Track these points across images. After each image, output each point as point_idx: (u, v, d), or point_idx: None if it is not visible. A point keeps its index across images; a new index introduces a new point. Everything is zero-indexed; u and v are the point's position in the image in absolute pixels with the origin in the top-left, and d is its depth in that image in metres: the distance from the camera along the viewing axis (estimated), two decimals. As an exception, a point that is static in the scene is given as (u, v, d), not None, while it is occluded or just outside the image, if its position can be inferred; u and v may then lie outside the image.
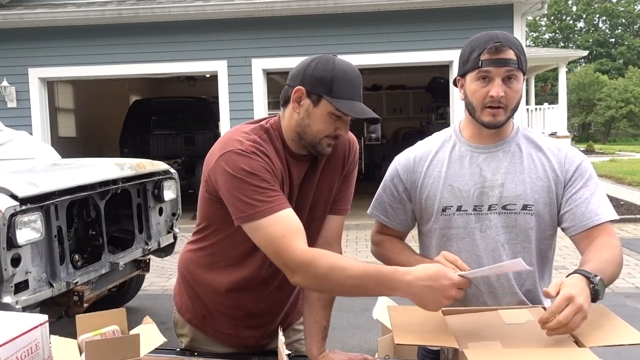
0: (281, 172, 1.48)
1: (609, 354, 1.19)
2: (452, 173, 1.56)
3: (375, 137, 14.62)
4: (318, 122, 1.44)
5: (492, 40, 1.44)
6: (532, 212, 1.50)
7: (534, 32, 44.73)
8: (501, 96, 1.44)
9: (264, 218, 1.38)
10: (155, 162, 4.32)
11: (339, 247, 1.66)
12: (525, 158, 1.53)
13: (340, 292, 1.41)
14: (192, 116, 10.33)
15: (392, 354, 1.90)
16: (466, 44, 1.52)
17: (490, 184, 1.52)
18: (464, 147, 1.58)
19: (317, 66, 1.43)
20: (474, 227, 1.53)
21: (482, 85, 1.47)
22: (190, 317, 1.73)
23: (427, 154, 1.62)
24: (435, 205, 1.56)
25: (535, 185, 1.51)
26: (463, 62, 1.52)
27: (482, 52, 1.45)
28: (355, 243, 7.39)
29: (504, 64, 1.44)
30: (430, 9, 8.22)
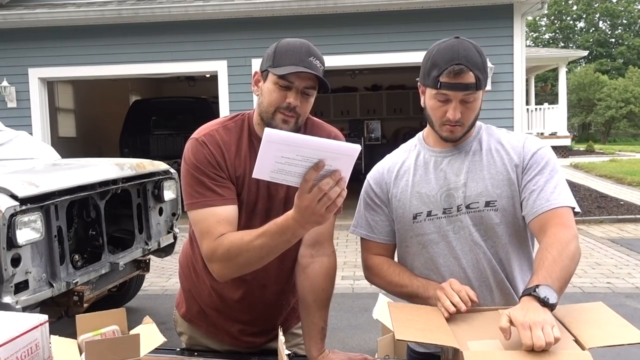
0: (239, 159, 1.52)
1: (609, 354, 1.19)
2: (419, 180, 1.58)
3: (375, 137, 14.62)
4: (266, 95, 1.48)
5: (453, 60, 1.42)
6: (495, 207, 1.51)
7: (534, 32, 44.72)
8: (458, 118, 1.46)
9: (198, 210, 1.47)
10: (155, 162, 4.32)
11: (331, 247, 1.65)
12: (485, 155, 1.55)
13: (254, 259, 1.40)
14: (192, 116, 10.31)
15: (392, 354, 1.90)
16: (429, 53, 1.51)
17: (454, 186, 1.54)
18: (428, 153, 1.60)
19: (269, 49, 1.50)
20: (446, 229, 1.54)
21: (440, 105, 1.48)
22: (185, 311, 1.76)
23: (394, 165, 1.64)
24: (406, 213, 1.58)
25: (496, 180, 1.52)
26: (424, 73, 1.51)
27: (441, 72, 1.44)
28: (355, 243, 7.39)
29: (463, 89, 1.44)
30: (430, 9, 8.22)
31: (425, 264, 1.59)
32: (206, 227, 1.46)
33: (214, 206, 1.46)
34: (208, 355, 1.66)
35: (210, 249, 1.44)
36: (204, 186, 1.47)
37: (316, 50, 1.48)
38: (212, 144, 1.50)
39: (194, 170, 1.49)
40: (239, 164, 1.52)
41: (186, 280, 1.74)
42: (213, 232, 1.44)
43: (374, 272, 1.65)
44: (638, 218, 8.76)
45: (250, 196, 1.55)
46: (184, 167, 1.52)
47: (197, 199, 1.48)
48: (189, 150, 1.52)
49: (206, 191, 1.47)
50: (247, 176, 1.53)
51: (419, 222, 1.56)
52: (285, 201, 1.57)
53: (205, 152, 1.49)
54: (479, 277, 1.55)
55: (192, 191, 1.48)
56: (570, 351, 1.21)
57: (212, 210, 1.46)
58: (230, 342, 1.71)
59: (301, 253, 1.62)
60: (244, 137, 1.55)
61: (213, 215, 1.45)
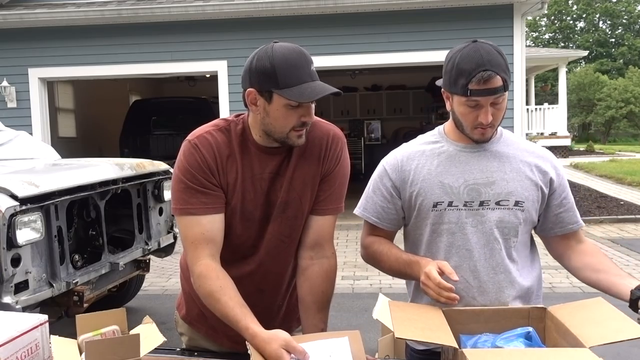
0: (233, 163, 1.50)
1: (609, 354, 1.19)
2: (442, 170, 1.60)
3: (375, 137, 14.61)
4: (279, 118, 1.43)
5: (480, 67, 1.45)
6: (522, 208, 1.58)
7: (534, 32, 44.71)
8: (490, 121, 1.50)
9: (183, 216, 1.48)
10: (155, 162, 4.32)
11: (331, 249, 1.63)
12: (513, 158, 1.61)
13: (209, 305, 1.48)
14: (192, 116, 10.30)
15: (393, 354, 1.90)
16: (452, 60, 1.52)
17: (482, 182, 1.58)
18: (452, 147, 1.63)
19: (257, 62, 1.41)
20: (465, 222, 1.58)
21: (470, 110, 1.51)
22: (185, 313, 1.76)
23: (414, 154, 1.66)
24: (425, 201, 1.60)
25: (525, 184, 1.58)
26: (449, 82, 1.53)
27: (469, 80, 1.46)
28: (355, 243, 7.38)
29: (493, 93, 1.47)
30: (430, 9, 8.21)
31: (436, 252, 1.61)
32: (191, 236, 1.48)
33: (198, 215, 1.46)
34: (208, 356, 1.66)
35: (192, 268, 1.49)
36: (190, 191, 1.47)
37: (306, 51, 1.43)
38: (205, 146, 1.48)
39: (184, 174, 1.47)
40: (231, 168, 1.50)
41: (187, 282, 1.72)
42: (197, 248, 1.47)
43: (368, 251, 1.71)
44: (638, 218, 8.76)
45: (246, 204, 1.53)
46: (175, 169, 1.51)
47: (182, 205, 1.48)
48: (181, 153, 1.51)
49: (191, 198, 1.46)
50: (241, 182, 1.51)
51: (439, 211, 1.59)
52: (285, 206, 1.55)
53: (197, 156, 1.47)
54: (489, 271, 1.58)
55: (179, 196, 1.48)
56: (570, 348, 1.22)
57: (196, 219, 1.46)
58: (229, 345, 1.70)
59: (301, 255, 1.61)
60: (239, 141, 1.52)
61: (198, 225, 1.46)
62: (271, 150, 1.52)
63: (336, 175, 1.60)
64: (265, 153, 1.52)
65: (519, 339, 1.31)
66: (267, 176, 1.53)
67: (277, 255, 1.61)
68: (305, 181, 1.55)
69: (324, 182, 1.58)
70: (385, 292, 4.77)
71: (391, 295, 1.55)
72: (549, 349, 1.24)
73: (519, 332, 1.33)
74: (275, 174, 1.53)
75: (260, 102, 1.43)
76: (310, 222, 1.60)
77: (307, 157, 1.55)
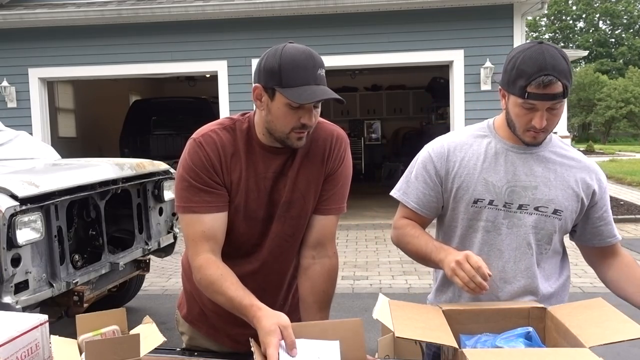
0: (237, 162, 1.51)
1: (609, 355, 1.19)
2: (487, 167, 1.58)
3: (375, 137, 14.62)
4: (279, 117, 1.43)
5: (542, 71, 1.41)
6: (560, 217, 1.57)
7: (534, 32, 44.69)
8: (544, 126, 1.47)
9: (186, 214, 1.49)
10: (155, 162, 4.32)
11: (332, 249, 1.63)
12: (559, 166, 1.58)
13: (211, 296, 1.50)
14: (192, 116, 10.31)
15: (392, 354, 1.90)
16: (513, 59, 1.48)
17: (523, 184, 1.56)
18: (500, 144, 1.60)
19: (267, 59, 1.42)
20: (501, 222, 1.57)
21: (525, 113, 1.48)
22: (186, 313, 1.76)
23: (462, 145, 1.63)
24: (467, 195, 1.59)
25: (567, 193, 1.57)
26: (508, 81, 1.49)
27: (529, 82, 1.42)
28: (355, 243, 7.39)
29: (551, 99, 1.43)
30: (430, 9, 8.21)
31: (469, 247, 1.60)
32: (192, 234, 1.48)
33: (200, 213, 1.47)
34: (208, 355, 1.66)
35: (192, 262, 1.50)
36: (193, 190, 1.47)
37: (318, 55, 1.43)
38: (209, 145, 1.49)
39: (188, 172, 1.48)
40: (235, 167, 1.51)
41: (188, 282, 1.73)
42: (198, 244, 1.48)
43: (399, 232, 1.68)
44: (638, 218, 8.77)
45: (250, 203, 1.53)
46: (180, 168, 1.52)
47: (185, 203, 1.48)
48: (186, 151, 1.51)
49: (194, 196, 1.47)
50: (244, 181, 1.51)
51: (478, 208, 1.58)
52: (288, 206, 1.56)
53: (201, 154, 1.48)
54: (517, 274, 1.58)
55: (182, 195, 1.49)
56: (570, 348, 1.22)
57: (198, 217, 1.47)
58: (230, 344, 1.70)
59: (303, 254, 1.61)
60: (244, 140, 1.52)
61: (199, 223, 1.47)
62: (275, 149, 1.52)
63: (339, 176, 1.60)
64: (270, 152, 1.52)
65: (519, 339, 1.31)
66: (271, 175, 1.53)
67: (280, 255, 1.61)
68: (309, 181, 1.56)
69: (327, 182, 1.59)
70: (385, 292, 4.78)
71: (391, 295, 1.55)
72: (549, 349, 1.24)
73: (519, 332, 1.33)
74: (278, 173, 1.54)
75: (265, 98, 1.44)
76: (313, 221, 1.60)
77: (311, 157, 1.56)
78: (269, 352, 1.25)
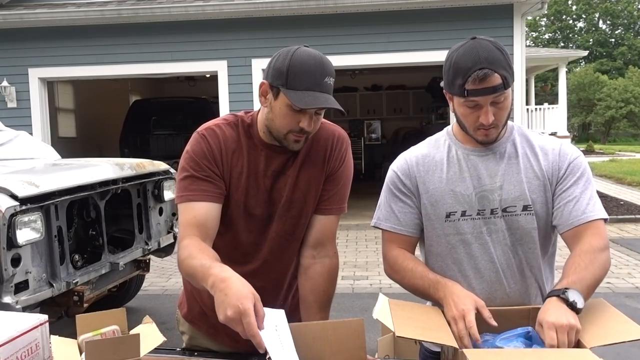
0: (239, 158, 1.51)
1: (609, 354, 1.19)
2: (452, 177, 1.53)
3: (375, 137, 14.62)
4: (280, 116, 1.44)
5: (475, 65, 1.37)
6: (531, 212, 1.49)
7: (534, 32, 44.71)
8: (492, 121, 1.42)
9: (182, 203, 1.49)
10: (155, 162, 4.32)
11: (333, 249, 1.63)
12: (521, 158, 1.51)
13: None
14: (192, 116, 10.31)
15: (392, 354, 1.90)
16: (449, 59, 1.45)
17: (489, 188, 1.50)
18: (460, 150, 1.55)
19: (278, 58, 1.43)
20: (481, 231, 1.51)
21: (470, 111, 1.44)
22: (187, 312, 1.76)
23: (423, 158, 1.58)
24: (438, 211, 1.53)
25: (532, 185, 1.49)
26: (448, 82, 1.46)
27: (466, 80, 1.38)
28: (355, 243, 7.38)
29: (491, 92, 1.38)
30: (430, 9, 8.22)
31: (452, 264, 1.55)
32: (184, 220, 1.48)
33: (195, 201, 1.48)
34: (208, 355, 1.66)
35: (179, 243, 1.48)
36: (192, 179, 1.49)
37: (329, 64, 1.43)
38: (212, 137, 1.51)
39: (189, 162, 1.50)
40: (237, 163, 1.52)
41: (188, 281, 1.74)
42: (187, 228, 1.47)
43: (393, 267, 1.59)
44: (638, 218, 8.76)
45: (249, 200, 1.54)
46: (181, 162, 1.53)
47: (182, 192, 1.50)
48: (189, 144, 1.54)
49: (191, 185, 1.48)
50: (245, 178, 1.52)
51: (453, 222, 1.52)
52: (289, 205, 1.56)
53: (203, 145, 1.50)
54: (516, 279, 1.53)
55: (181, 185, 1.51)
56: (570, 349, 1.22)
57: (192, 205, 1.48)
58: (230, 343, 1.71)
59: (303, 254, 1.62)
60: (247, 137, 1.54)
61: (191, 210, 1.48)
62: (277, 148, 1.53)
63: (340, 176, 1.61)
64: (271, 151, 1.53)
65: (518, 339, 1.31)
66: (271, 174, 1.54)
67: (280, 254, 1.61)
68: (310, 181, 1.57)
69: (328, 182, 1.59)
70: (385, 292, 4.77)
71: (391, 295, 1.55)
72: (549, 349, 1.24)
73: (519, 332, 1.33)
74: (279, 172, 1.54)
75: (269, 95, 1.46)
76: (314, 221, 1.61)
77: (312, 157, 1.57)
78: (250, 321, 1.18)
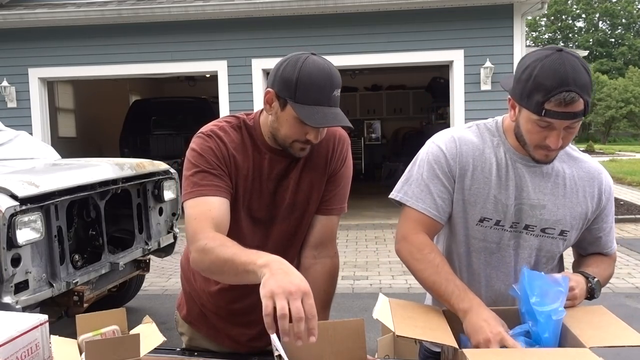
0: (245, 161, 1.50)
1: (609, 354, 1.19)
2: (498, 183, 1.43)
3: (375, 137, 14.62)
4: (286, 127, 1.42)
5: (563, 86, 1.23)
6: (566, 237, 1.47)
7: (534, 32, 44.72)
8: (560, 146, 1.32)
9: (192, 199, 1.44)
10: (155, 162, 4.32)
11: (333, 249, 1.63)
12: (568, 180, 1.45)
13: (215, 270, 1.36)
14: (192, 116, 10.32)
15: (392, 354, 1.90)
16: (529, 69, 1.29)
17: (531, 203, 1.43)
18: (509, 154, 1.45)
19: (285, 67, 1.39)
20: (507, 244, 1.46)
21: (539, 130, 1.32)
22: (186, 313, 1.76)
23: (474, 148, 1.46)
24: (473, 212, 1.45)
25: (575, 212, 1.46)
26: (522, 92, 1.31)
27: (548, 98, 1.25)
28: (355, 243, 7.38)
29: (571, 118, 1.27)
30: (430, 9, 8.22)
31: (465, 267, 1.51)
32: (197, 213, 1.41)
33: (209, 196, 1.44)
34: (208, 356, 1.66)
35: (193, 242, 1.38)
36: (202, 174, 1.45)
37: (337, 75, 1.39)
38: (217, 137, 1.49)
39: (197, 159, 1.47)
40: (243, 165, 1.50)
41: (187, 282, 1.74)
42: (202, 222, 1.40)
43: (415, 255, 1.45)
44: (638, 218, 8.77)
45: (253, 202, 1.54)
46: (187, 159, 1.50)
47: (193, 188, 1.45)
48: (193, 143, 1.50)
49: (202, 180, 1.45)
50: (251, 181, 1.51)
51: (483, 227, 1.45)
52: (292, 207, 1.56)
53: (211, 144, 1.48)
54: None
55: (191, 181, 1.46)
56: (570, 348, 1.22)
57: (206, 199, 1.43)
58: (230, 345, 1.71)
59: (304, 254, 1.62)
60: (251, 140, 1.52)
61: (206, 204, 1.43)
62: (280, 152, 1.52)
63: (341, 176, 1.61)
64: (275, 154, 1.53)
65: (519, 338, 1.30)
66: (274, 177, 1.53)
67: (282, 254, 1.60)
68: (312, 183, 1.57)
69: (329, 183, 1.59)
70: (385, 292, 4.77)
71: (391, 295, 1.55)
72: (549, 349, 1.24)
73: (518, 331, 1.33)
74: (282, 175, 1.54)
75: (275, 105, 1.43)
76: (314, 221, 1.60)
77: (314, 159, 1.56)
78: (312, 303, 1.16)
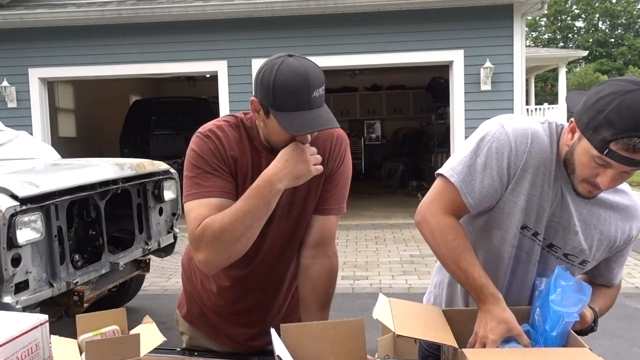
0: (243, 160, 1.49)
1: (609, 355, 1.19)
2: (546, 192, 1.35)
3: (375, 137, 14.63)
4: (275, 134, 1.42)
5: (637, 131, 1.14)
6: (584, 267, 1.45)
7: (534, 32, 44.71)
8: (609, 187, 1.26)
9: (193, 201, 1.43)
10: (156, 162, 4.32)
11: (332, 249, 1.63)
12: (604, 210, 1.40)
13: (240, 231, 1.37)
14: (192, 116, 10.30)
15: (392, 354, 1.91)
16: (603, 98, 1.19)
17: (565, 224, 1.38)
18: (560, 168, 1.36)
19: (264, 74, 1.37)
20: (535, 258, 1.43)
21: (594, 166, 1.24)
22: (186, 312, 1.76)
23: (543, 151, 1.34)
24: (520, 218, 1.37)
25: (602, 245, 1.42)
26: (588, 122, 1.21)
27: (616, 139, 1.16)
28: (355, 243, 7.38)
29: (634, 165, 1.19)
30: (430, 9, 8.22)
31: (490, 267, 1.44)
32: (198, 214, 1.41)
33: (211, 197, 1.43)
34: (208, 355, 1.67)
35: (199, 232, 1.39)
36: (204, 176, 1.44)
37: (316, 75, 1.35)
38: (216, 137, 1.48)
39: (197, 160, 1.46)
40: (243, 165, 1.50)
41: (188, 282, 1.74)
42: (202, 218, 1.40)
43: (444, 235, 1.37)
44: (638, 218, 8.75)
45: None
46: (187, 159, 1.50)
47: (195, 190, 1.44)
48: (192, 143, 1.49)
49: (205, 182, 1.44)
50: (250, 181, 1.50)
51: (522, 235, 1.39)
52: (290, 207, 1.55)
53: (209, 144, 1.47)
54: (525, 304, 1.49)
55: (193, 182, 1.45)
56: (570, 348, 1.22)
57: (209, 200, 1.43)
58: (230, 344, 1.71)
59: (303, 254, 1.61)
60: (249, 140, 1.52)
61: (208, 205, 1.42)
62: (277, 151, 1.52)
63: (339, 176, 1.60)
64: (272, 154, 1.52)
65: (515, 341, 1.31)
66: None
67: (280, 254, 1.61)
68: (309, 182, 1.55)
69: (328, 182, 1.59)
70: (385, 292, 4.78)
71: (391, 295, 1.55)
72: (549, 349, 1.24)
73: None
74: None
75: (261, 113, 1.43)
76: (313, 221, 1.60)
77: None
78: None
